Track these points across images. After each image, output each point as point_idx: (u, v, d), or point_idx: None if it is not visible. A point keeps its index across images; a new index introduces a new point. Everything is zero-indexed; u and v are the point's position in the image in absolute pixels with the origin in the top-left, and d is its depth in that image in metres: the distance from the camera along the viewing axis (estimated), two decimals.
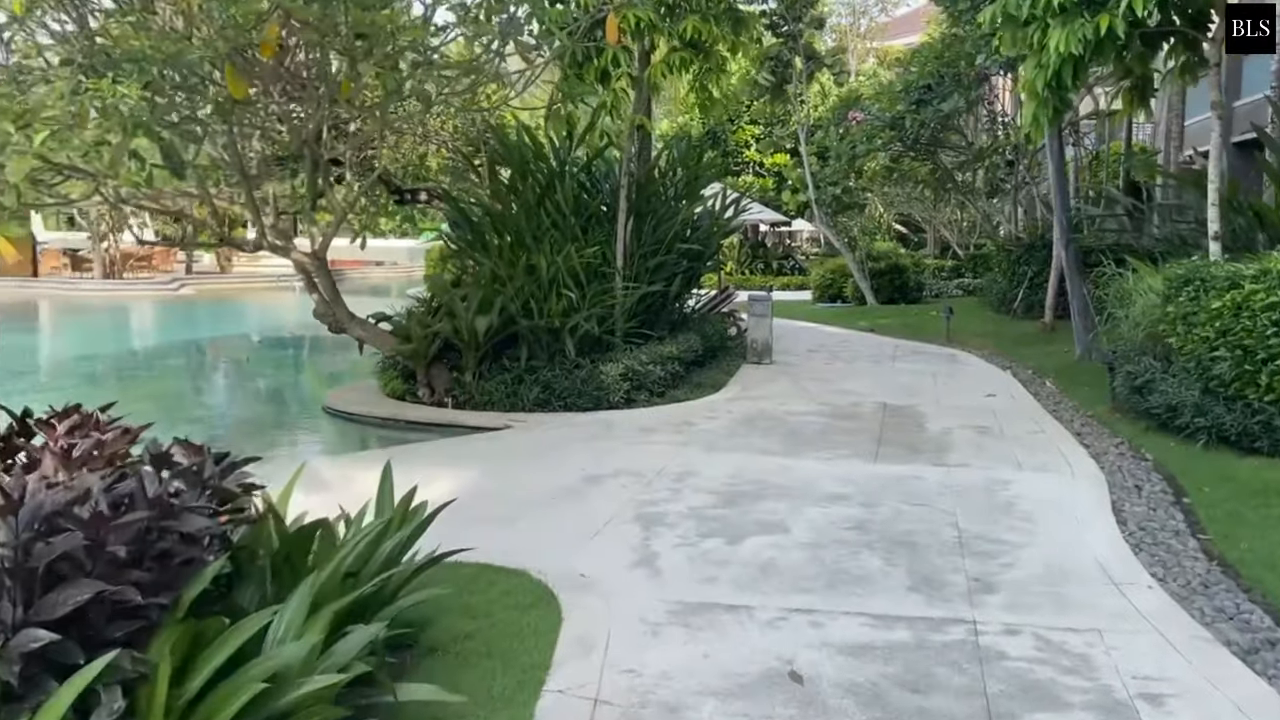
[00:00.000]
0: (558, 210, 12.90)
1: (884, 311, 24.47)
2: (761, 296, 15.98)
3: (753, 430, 10.44)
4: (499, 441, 9.84)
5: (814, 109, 28.63)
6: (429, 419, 11.07)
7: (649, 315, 13.94)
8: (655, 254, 13.70)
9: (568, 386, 11.42)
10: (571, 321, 11.91)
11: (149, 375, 16.57)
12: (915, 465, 8.93)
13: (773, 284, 32.95)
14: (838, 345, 18.43)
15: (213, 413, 12.73)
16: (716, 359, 15.52)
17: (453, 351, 12.12)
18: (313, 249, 11.61)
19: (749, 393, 12.86)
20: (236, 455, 4.38)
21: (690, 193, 15.45)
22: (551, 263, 12.05)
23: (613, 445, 9.63)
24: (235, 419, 12.18)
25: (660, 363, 12.51)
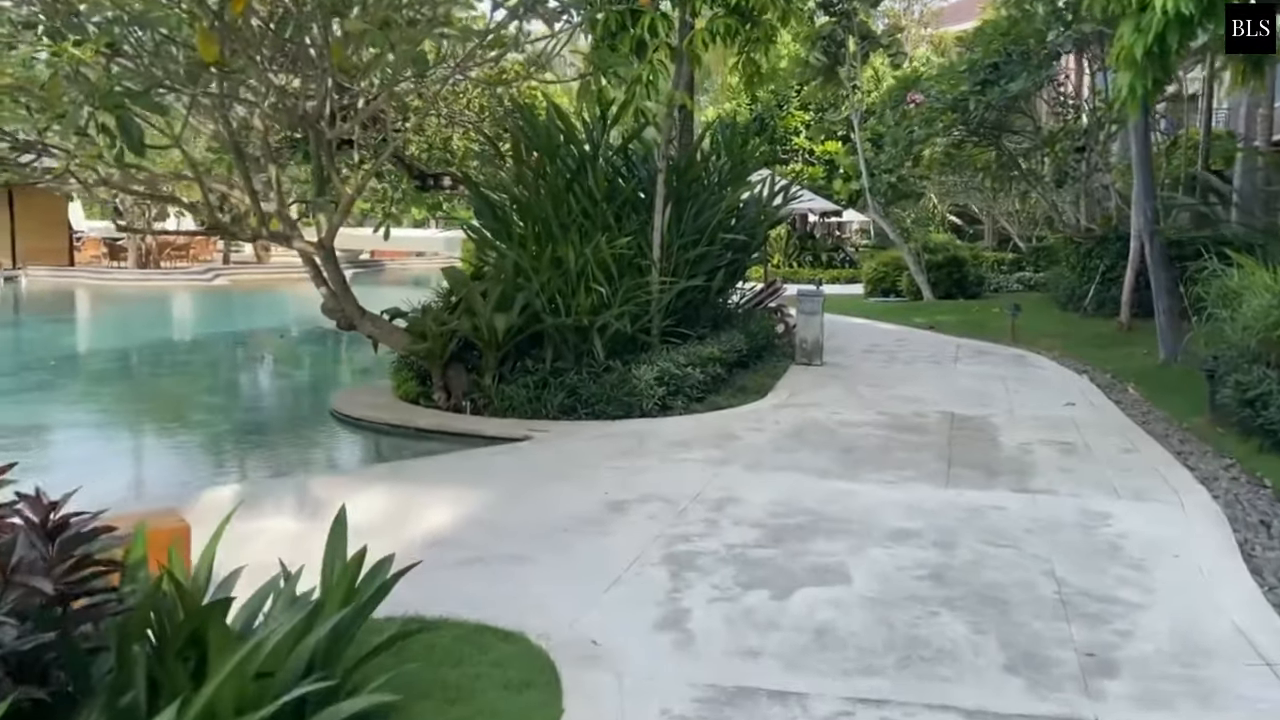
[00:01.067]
0: (588, 196, 11.75)
1: (942, 307, 23.02)
2: (812, 292, 14.71)
3: (802, 445, 9.22)
4: (515, 456, 8.72)
5: (867, 94, 27.22)
6: (442, 426, 9.98)
7: (688, 312, 12.75)
8: (696, 245, 12.50)
9: (596, 392, 10.27)
10: (601, 319, 10.76)
11: (158, 372, 15.69)
12: (994, 491, 7.66)
13: (822, 277, 31.54)
14: (894, 344, 17.09)
15: (214, 415, 11.76)
16: (762, 359, 14.29)
17: (472, 351, 11.04)
18: (319, 238, 10.57)
19: (798, 399, 11.62)
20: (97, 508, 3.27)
21: (735, 178, 14.21)
22: (580, 254, 10.91)
23: (643, 462, 8.46)
24: (235, 423, 11.20)
25: (700, 365, 11.32)
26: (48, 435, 10.47)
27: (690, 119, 14.23)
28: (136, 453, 9.87)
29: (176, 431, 11.03)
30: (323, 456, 9.57)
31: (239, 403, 12.61)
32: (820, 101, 33.19)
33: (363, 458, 9.58)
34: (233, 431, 10.80)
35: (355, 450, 10.03)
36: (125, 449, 10.07)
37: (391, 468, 8.20)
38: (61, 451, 9.82)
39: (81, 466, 8.97)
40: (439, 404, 10.90)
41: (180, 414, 11.77)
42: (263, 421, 11.10)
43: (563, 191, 11.72)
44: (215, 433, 10.86)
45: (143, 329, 21.69)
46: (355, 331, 11.26)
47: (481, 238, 11.76)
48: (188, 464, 9.31)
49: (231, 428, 10.96)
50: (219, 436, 10.61)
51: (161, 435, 10.96)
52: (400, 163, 14.14)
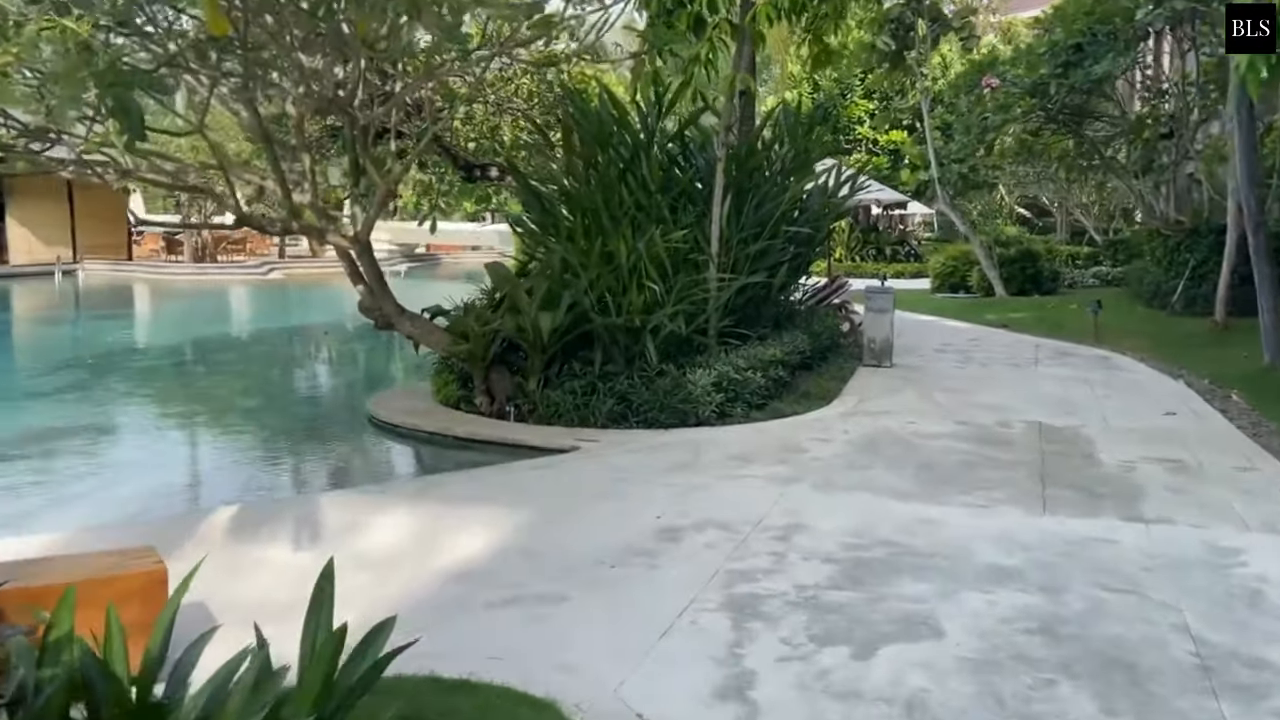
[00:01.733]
0: (642, 187, 10.95)
1: (1016, 304, 21.84)
2: (881, 289, 13.75)
3: (876, 459, 8.33)
4: (558, 471, 7.94)
5: (933, 80, 25.99)
6: (482, 435, 9.26)
7: (748, 310, 11.89)
8: (757, 238, 11.63)
9: (648, 398, 9.47)
10: (654, 319, 9.94)
11: (194, 371, 15.22)
12: (1099, 519, 6.72)
13: (886, 271, 30.39)
14: (967, 344, 16.04)
15: (246, 420, 11.16)
16: (827, 361, 13.37)
17: (517, 353, 10.31)
18: (354, 232, 9.90)
19: (868, 405, 10.71)
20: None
21: (799, 168, 13.30)
22: (632, 249, 10.11)
23: (699, 479, 7.64)
24: (267, 428, 10.58)
25: (761, 368, 10.46)
26: (68, 440, 9.95)
27: (751, 104, 13.35)
28: (157, 461, 9.28)
29: (204, 437, 10.45)
30: (352, 468, 8.89)
31: (274, 405, 12.02)
32: (885, 89, 31.99)
33: (394, 470, 8.88)
34: (263, 437, 10.19)
35: (387, 461, 9.34)
36: (146, 456, 9.49)
37: (422, 484, 7.49)
38: (75, 460, 9.26)
39: (94, 477, 8.43)
40: (481, 409, 10.18)
41: (212, 418, 11.22)
42: (296, 427, 10.47)
43: (615, 182, 10.93)
44: (245, 439, 10.27)
45: (187, 325, 21.37)
46: (394, 331, 10.59)
47: (528, 231, 11.02)
48: (209, 474, 8.71)
49: (263, 433, 10.36)
50: (248, 443, 10.01)
51: (188, 441, 10.39)
52: (445, 152, 13.48)
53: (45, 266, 30.65)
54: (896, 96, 31.13)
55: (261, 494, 7.83)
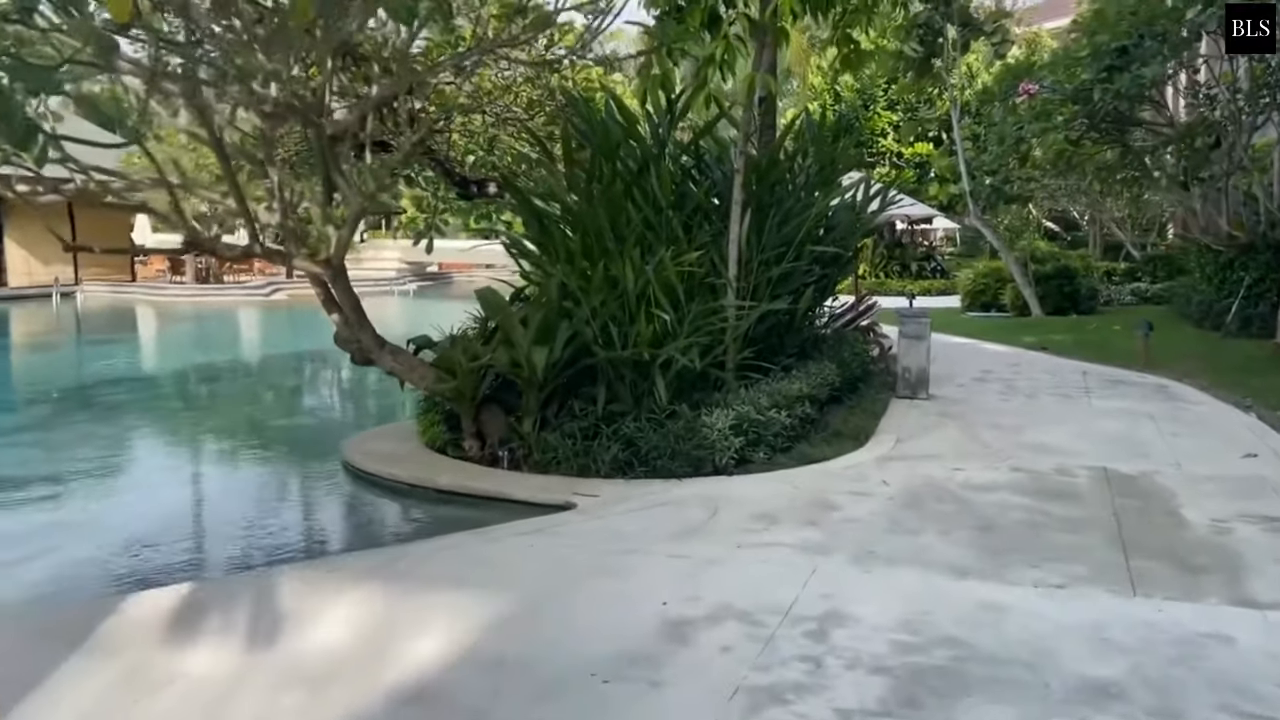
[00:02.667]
0: (651, 203, 9.81)
1: (1053, 324, 20.54)
2: (916, 313, 12.56)
3: (923, 519, 7.12)
4: (548, 538, 6.74)
5: (960, 90, 24.76)
6: (467, 487, 8.10)
7: (770, 339, 10.72)
8: (780, 259, 10.46)
9: (657, 443, 8.29)
10: (665, 353, 8.77)
11: (168, 405, 14.09)
12: (1205, 604, 5.49)
13: (913, 289, 29.20)
14: (1008, 370, 14.78)
15: (207, 464, 10.02)
16: (857, 392, 12.17)
17: (511, 390, 9.16)
18: (326, 255, 8.79)
19: (907, 447, 9.49)
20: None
21: (824, 181, 12.13)
22: (640, 273, 8.95)
23: (714, 549, 6.44)
24: (228, 476, 9.42)
25: (786, 406, 9.28)
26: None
27: (772, 112, 12.21)
28: (88, 521, 8.08)
29: (151, 491, 9.21)
30: (310, 532, 7.68)
31: (241, 447, 10.87)
32: (910, 100, 30.79)
33: (358, 534, 7.65)
34: (220, 489, 9.02)
35: (353, 521, 8.12)
36: (78, 516, 8.20)
37: (386, 556, 6.31)
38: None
39: (7, 543, 7.30)
40: (470, 454, 9.04)
41: (168, 465, 10.07)
42: (259, 475, 9.32)
43: (621, 197, 9.79)
44: (198, 491, 9.07)
45: (172, 353, 20.35)
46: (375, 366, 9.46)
47: (523, 252, 9.89)
48: (144, 540, 7.48)
49: (220, 484, 9.19)
50: (200, 497, 8.80)
51: (131, 495, 9.17)
52: (439, 167, 12.40)
53: (44, 288, 29.88)
54: (924, 106, 29.90)
55: (195, 570, 6.69)
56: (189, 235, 7.73)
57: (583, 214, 9.55)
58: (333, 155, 8.15)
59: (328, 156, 8.14)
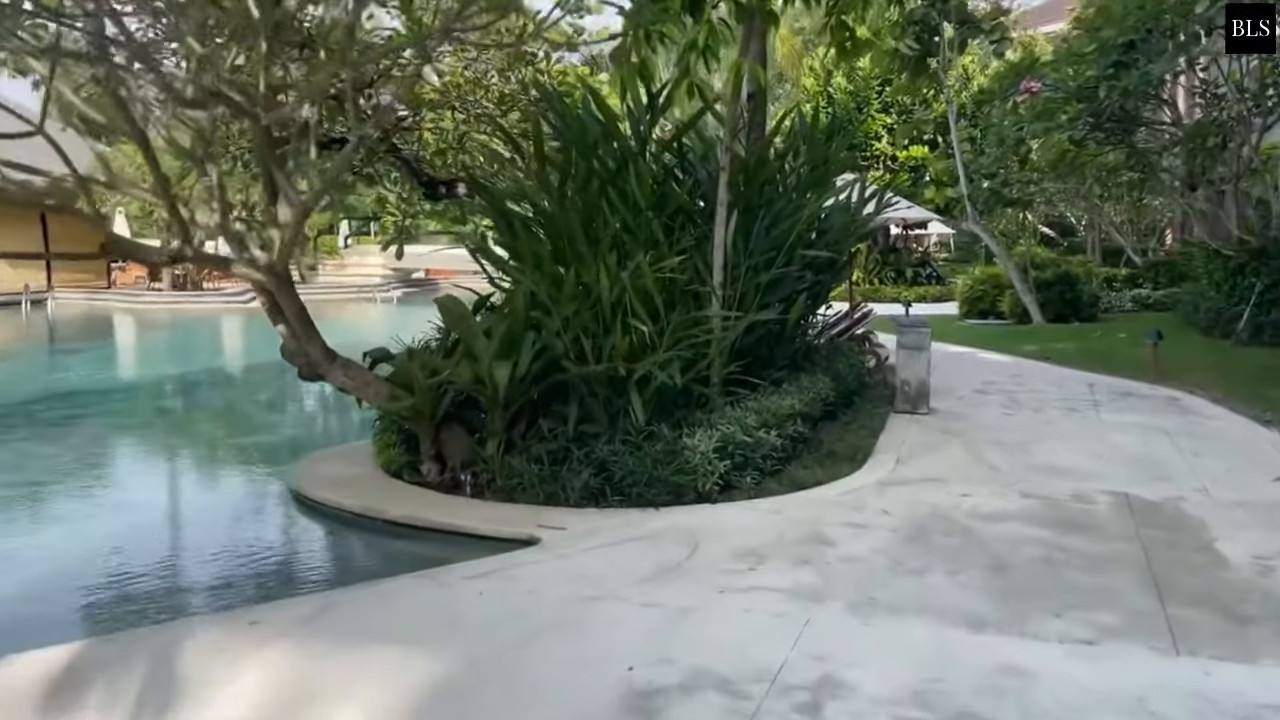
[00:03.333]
0: (629, 204, 9.01)
1: (1055, 332, 19.78)
2: (915, 322, 11.81)
3: (930, 557, 6.33)
4: (504, 582, 5.92)
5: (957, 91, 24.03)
6: (421, 518, 7.28)
7: (759, 351, 9.93)
8: (769, 265, 9.67)
9: (634, 468, 7.48)
10: (642, 367, 7.96)
11: (115, 420, 13.18)
12: (1262, 667, 4.71)
13: (908, 296, 28.43)
14: (1010, 381, 14.01)
15: (143, 488, 9.15)
16: (853, 406, 11.39)
17: (476, 408, 8.37)
18: (269, 260, 7.99)
19: (908, 469, 8.71)
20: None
21: (817, 182, 11.33)
22: (615, 280, 8.15)
23: (692, 595, 5.64)
24: (163, 502, 8.54)
25: (776, 424, 8.49)
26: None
27: (762, 109, 11.42)
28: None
29: (72, 521, 8.25)
30: (239, 573, 6.79)
31: (183, 470, 10.02)
32: (905, 103, 30.05)
33: (291, 577, 6.74)
34: (149, 520, 8.10)
35: (289, 560, 7.22)
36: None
37: (318, 605, 5.49)
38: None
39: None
40: (428, 479, 8.23)
41: (100, 490, 9.16)
42: (196, 502, 8.46)
43: (596, 197, 9.00)
44: (125, 521, 8.10)
45: (131, 364, 19.44)
46: (325, 382, 8.66)
47: (489, 258, 9.08)
48: (50, 582, 6.59)
49: (152, 513, 8.28)
50: (124, 532, 7.79)
51: (51, 525, 8.19)
52: (405, 166, 11.60)
53: (14, 296, 28.98)
54: (920, 108, 29.16)
55: (90, 625, 5.86)
56: (106, 238, 6.93)
57: (554, 216, 8.75)
58: (270, 150, 7.34)
59: (265, 152, 7.33)
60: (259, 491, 8.98)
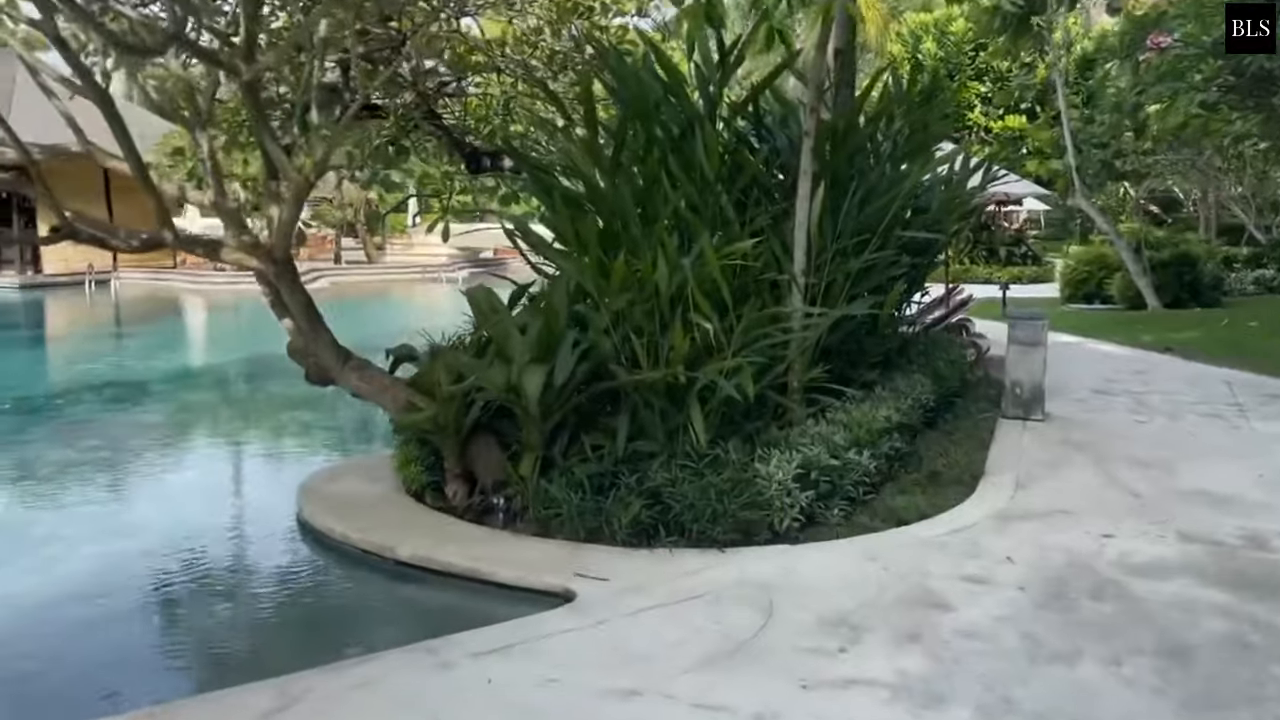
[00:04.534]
0: (695, 176, 7.59)
1: (1175, 320, 17.80)
2: (1028, 313, 10.19)
3: (1078, 633, 4.84)
4: (519, 665, 4.57)
5: (1066, 51, 21.93)
6: (436, 559, 5.98)
7: (847, 349, 8.47)
8: (861, 249, 8.16)
9: (694, 499, 6.10)
10: (706, 375, 6.54)
11: (136, 416, 12.16)
12: None
13: (1001, 276, 26.46)
14: (1133, 379, 12.26)
15: (136, 513, 7.91)
16: (953, 409, 9.85)
17: (512, 418, 7.06)
18: (269, 245, 6.78)
19: (1030, 497, 7.18)
20: None
21: (914, 150, 9.76)
22: (675, 267, 6.73)
23: (765, 691, 4.25)
24: (150, 533, 7.24)
25: (869, 443, 7.04)
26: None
27: (851, 66, 9.90)
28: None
29: (51, 557, 6.91)
30: (190, 645, 5.47)
31: (185, 488, 8.75)
32: (1002, 69, 27.87)
33: (258, 649, 5.35)
34: (129, 557, 6.72)
35: (262, 622, 5.84)
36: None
37: (276, 698, 4.20)
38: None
39: None
40: (454, 501, 6.96)
41: (93, 515, 7.87)
42: (187, 533, 7.19)
43: (655, 168, 7.59)
44: (105, 561, 6.60)
45: (172, 352, 18.49)
46: (337, 386, 7.44)
47: (528, 240, 7.76)
48: None
49: (133, 545, 6.93)
50: (101, 570, 6.44)
51: (21, 558, 7.05)
52: (446, 135, 10.34)
53: (79, 276, 28.67)
54: (1022, 71, 26.96)
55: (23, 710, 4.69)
56: (59, 220, 5.76)
57: (604, 191, 7.37)
58: (258, 112, 6.10)
59: (251, 114, 6.10)
60: (262, 516, 7.75)
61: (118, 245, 6.32)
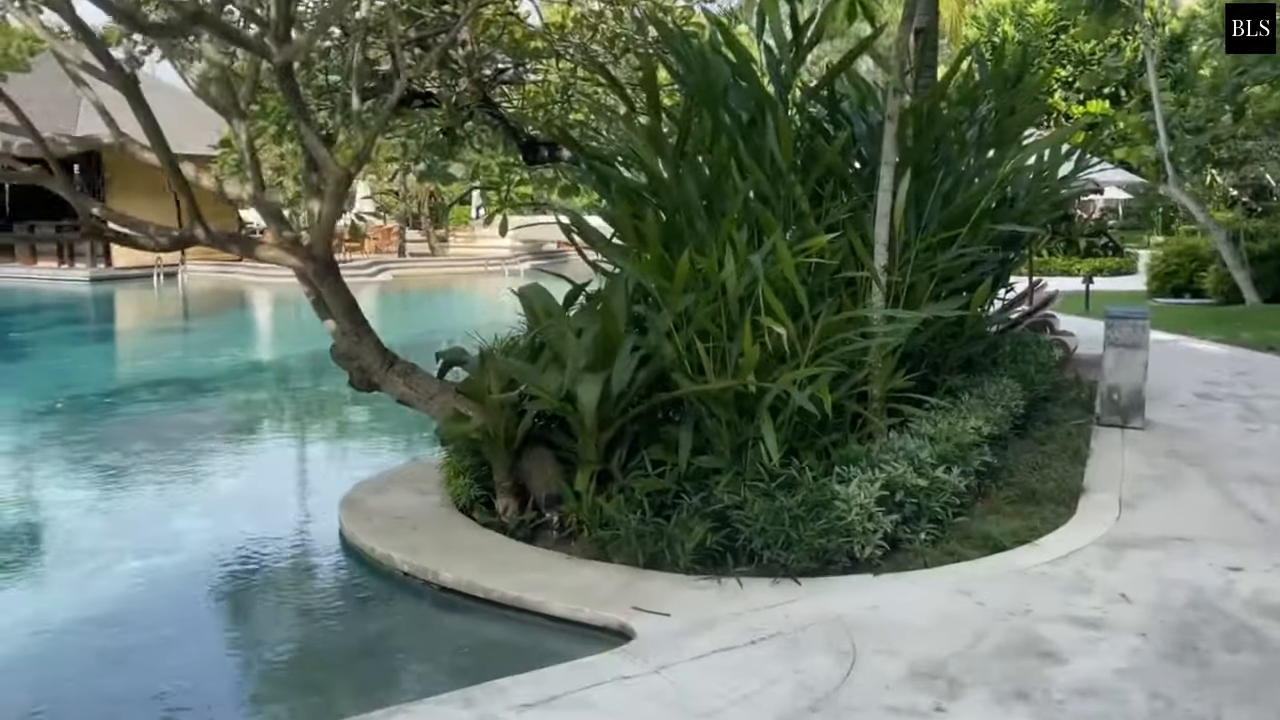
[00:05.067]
0: (765, 166, 6.97)
1: (1276, 315, 16.69)
2: (1128, 314, 9.39)
3: (1215, 694, 4.17)
4: (567, 714, 4.07)
5: (1160, 27, 20.75)
6: (480, 586, 5.47)
7: (930, 352, 7.80)
8: (948, 244, 7.47)
9: (766, 523, 5.51)
10: (777, 384, 5.93)
11: (177, 416, 11.79)
12: None
13: (1082, 269, 25.33)
14: (1238, 381, 11.37)
15: (166, 530, 7.40)
16: (1043, 414, 9.09)
17: (567, 428, 6.54)
18: (308, 241, 6.35)
19: (1138, 519, 6.46)
20: None
21: (1004, 136, 9.01)
22: (744, 265, 6.13)
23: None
24: (180, 550, 6.78)
25: (958, 458, 6.38)
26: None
27: (933, 47, 9.20)
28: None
29: (84, 566, 6.71)
30: (219, 679, 4.96)
31: (220, 501, 8.26)
32: (1084, 51, 26.59)
33: (277, 691, 4.85)
34: (164, 572, 6.40)
35: (298, 655, 5.30)
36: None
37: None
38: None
39: None
40: (504, 517, 6.46)
41: (116, 530, 7.40)
42: (224, 550, 6.73)
43: (723, 157, 7.00)
44: (134, 577, 6.39)
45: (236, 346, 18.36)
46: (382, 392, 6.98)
47: (584, 235, 7.22)
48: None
49: (169, 563, 6.56)
50: (132, 588, 6.16)
51: (40, 588, 6.62)
52: (502, 124, 9.86)
53: (148, 268, 28.89)
54: (1109, 53, 25.67)
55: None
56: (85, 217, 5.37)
57: (667, 182, 6.79)
58: (294, 98, 5.64)
59: (288, 100, 5.64)
60: (308, 528, 7.32)
61: (145, 244, 5.92)
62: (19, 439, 10.46)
